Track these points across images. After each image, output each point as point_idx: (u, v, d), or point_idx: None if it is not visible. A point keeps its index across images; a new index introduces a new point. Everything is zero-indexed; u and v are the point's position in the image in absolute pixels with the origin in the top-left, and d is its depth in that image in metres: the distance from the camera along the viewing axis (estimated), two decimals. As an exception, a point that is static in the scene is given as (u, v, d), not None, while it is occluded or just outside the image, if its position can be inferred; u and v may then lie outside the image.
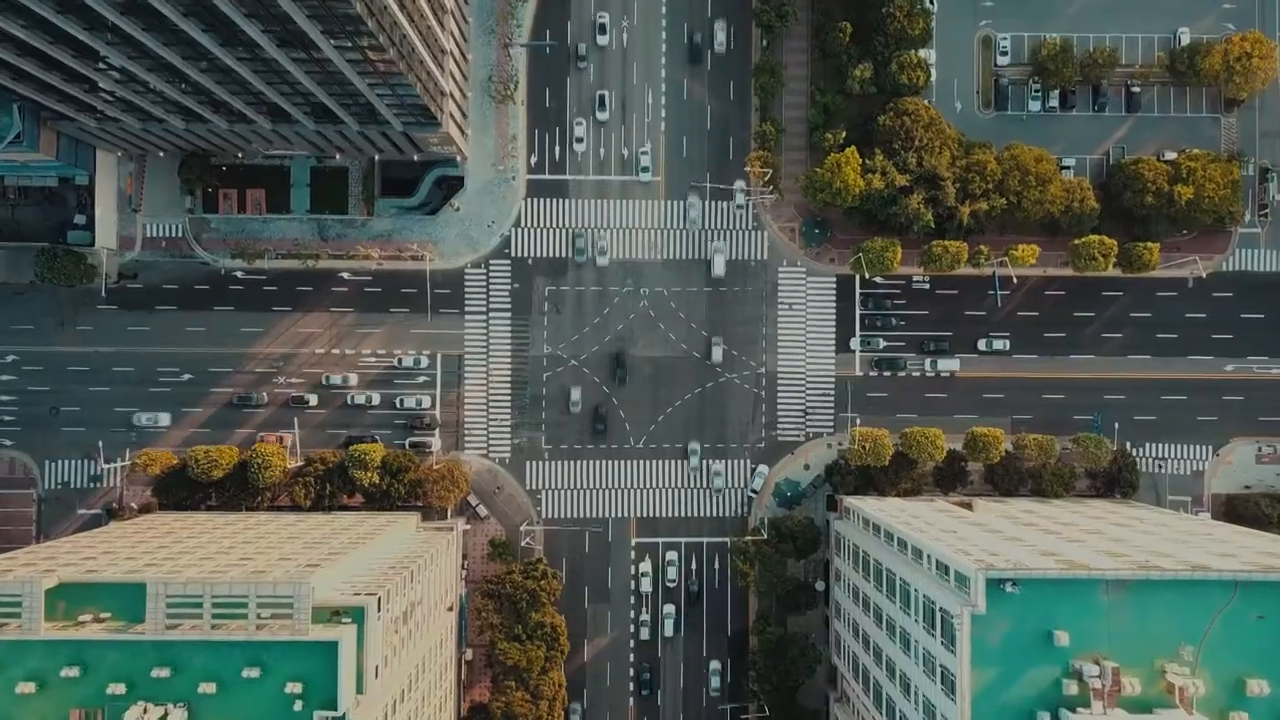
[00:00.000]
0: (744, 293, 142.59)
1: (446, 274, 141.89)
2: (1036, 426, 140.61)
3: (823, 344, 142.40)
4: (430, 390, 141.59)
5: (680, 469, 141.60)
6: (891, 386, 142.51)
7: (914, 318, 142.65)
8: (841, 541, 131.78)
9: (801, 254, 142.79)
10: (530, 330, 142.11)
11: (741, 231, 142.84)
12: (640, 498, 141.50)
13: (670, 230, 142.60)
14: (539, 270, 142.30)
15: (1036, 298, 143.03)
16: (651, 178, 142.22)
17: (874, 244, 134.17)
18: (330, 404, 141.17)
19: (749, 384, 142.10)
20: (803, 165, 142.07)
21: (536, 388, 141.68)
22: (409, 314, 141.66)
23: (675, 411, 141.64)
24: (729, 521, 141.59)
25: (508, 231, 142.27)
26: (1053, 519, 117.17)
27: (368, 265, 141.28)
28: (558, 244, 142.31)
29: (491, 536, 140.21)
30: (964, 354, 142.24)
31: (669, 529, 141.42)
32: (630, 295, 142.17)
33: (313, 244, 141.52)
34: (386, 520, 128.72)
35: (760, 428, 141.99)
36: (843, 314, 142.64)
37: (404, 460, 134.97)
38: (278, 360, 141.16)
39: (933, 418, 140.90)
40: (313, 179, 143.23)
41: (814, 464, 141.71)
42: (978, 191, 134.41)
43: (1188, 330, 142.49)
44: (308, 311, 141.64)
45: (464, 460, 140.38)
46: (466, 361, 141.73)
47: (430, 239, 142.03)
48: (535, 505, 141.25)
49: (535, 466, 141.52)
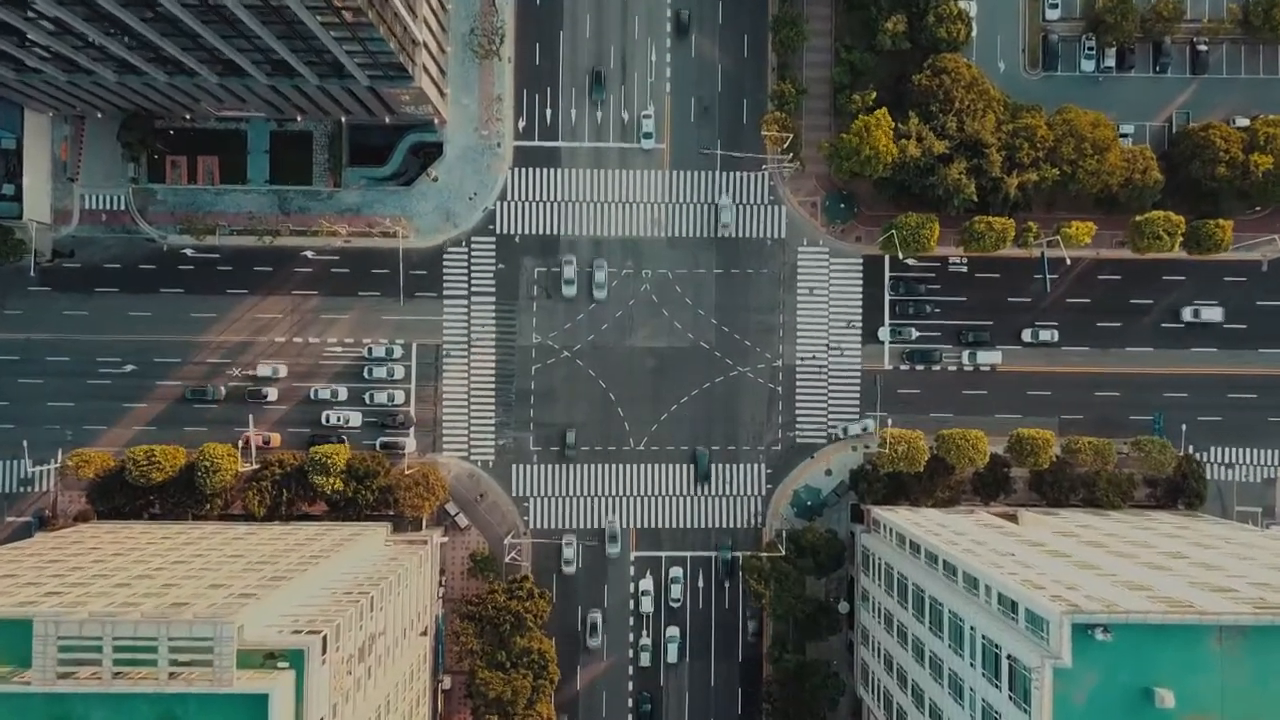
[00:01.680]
0: (758, 276, 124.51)
1: (423, 253, 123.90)
2: (1087, 427, 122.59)
3: (847, 334, 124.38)
4: (404, 384, 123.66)
5: (685, 474, 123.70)
6: (925, 382, 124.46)
7: (950, 305, 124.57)
8: (870, 559, 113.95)
9: (824, 232, 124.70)
10: (517, 317, 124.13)
11: (756, 206, 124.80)
12: (640, 506, 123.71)
13: (675, 205, 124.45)
14: (527, 249, 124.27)
15: (1088, 283, 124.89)
16: (654, 145, 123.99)
17: (908, 220, 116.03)
18: (292, 399, 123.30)
19: (764, 378, 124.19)
20: (826, 131, 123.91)
21: (524, 382, 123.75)
22: (380, 298, 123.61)
23: (680, 409, 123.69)
24: (741, 534, 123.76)
25: (492, 205, 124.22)
26: (1120, 537, 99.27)
27: (334, 243, 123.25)
28: (548, 219, 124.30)
29: (472, 550, 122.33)
30: (1006, 345, 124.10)
31: (673, 541, 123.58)
32: (630, 278, 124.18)
33: (272, 218, 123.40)
34: (351, 533, 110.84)
35: (776, 428, 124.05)
36: (870, 300, 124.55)
37: (372, 464, 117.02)
38: (232, 349, 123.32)
39: (971, 417, 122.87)
40: (272, 145, 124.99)
41: (837, 469, 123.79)
42: (1026, 160, 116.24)
43: (1259, 320, 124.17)
44: (266, 295, 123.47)
45: (441, 463, 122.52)
46: (445, 352, 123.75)
47: (405, 213, 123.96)
48: (522, 515, 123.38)
49: (522, 471, 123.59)
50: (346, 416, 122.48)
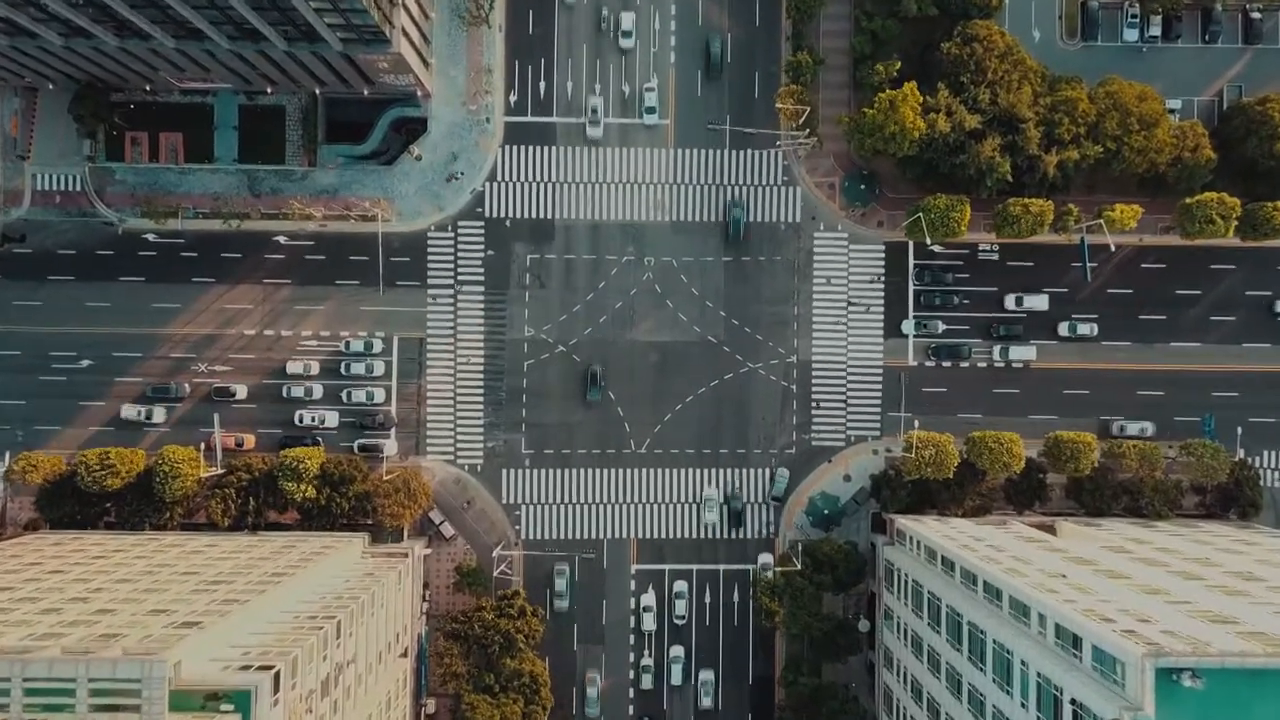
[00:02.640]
0: (771, 263, 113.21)
1: (405, 238, 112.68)
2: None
3: (868, 327, 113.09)
4: (384, 381, 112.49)
5: (691, 480, 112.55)
6: (952, 379, 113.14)
7: (980, 295, 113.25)
8: (894, 574, 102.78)
9: (843, 216, 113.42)
10: (508, 308, 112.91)
11: (768, 187, 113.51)
12: (642, 514, 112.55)
13: (681, 186, 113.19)
14: (519, 234, 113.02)
15: (1130, 272, 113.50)
16: (658, 121, 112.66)
17: (937, 202, 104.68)
18: (262, 397, 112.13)
19: (777, 375, 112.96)
20: (845, 106, 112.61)
21: (515, 379, 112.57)
22: (359, 287, 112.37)
23: (686, 409, 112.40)
24: (752, 545, 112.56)
25: (480, 186, 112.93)
26: (1178, 553, 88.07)
27: (308, 227, 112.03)
28: (542, 202, 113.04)
29: (459, 562, 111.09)
30: (1041, 340, 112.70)
31: (677, 553, 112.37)
32: (632, 265, 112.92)
33: (241, 200, 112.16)
34: (323, 545, 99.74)
35: (790, 430, 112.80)
36: (893, 290, 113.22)
37: (348, 468, 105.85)
38: (197, 343, 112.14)
39: (1003, 418, 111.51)
40: (242, 120, 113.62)
41: (856, 475, 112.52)
42: (1066, 137, 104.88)
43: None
44: (235, 284, 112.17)
45: (425, 468, 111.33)
46: (429, 346, 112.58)
47: (386, 195, 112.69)
48: (513, 524, 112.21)
49: (513, 476, 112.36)
50: (322, 416, 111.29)
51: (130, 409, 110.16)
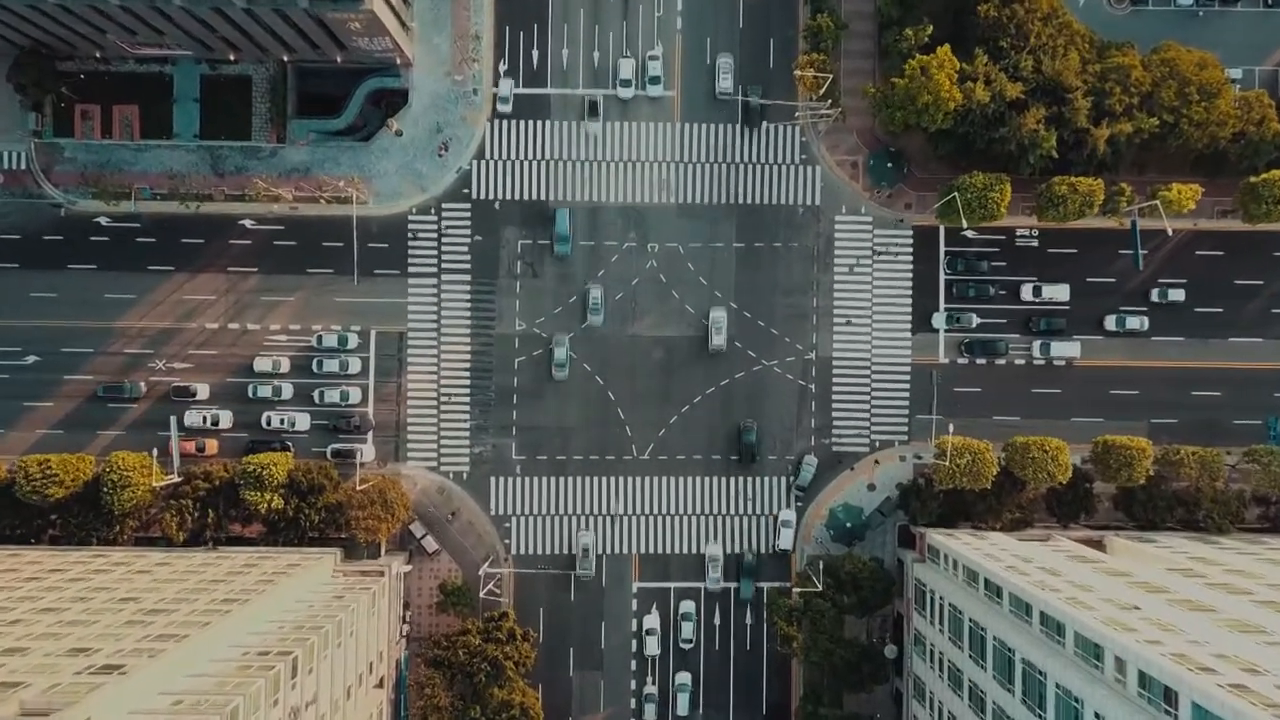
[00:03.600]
0: (788, 250, 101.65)
1: (384, 222, 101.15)
2: (1182, 433, 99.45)
3: (895, 320, 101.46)
4: (360, 380, 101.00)
5: (698, 490, 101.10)
6: (987, 378, 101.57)
7: (1018, 286, 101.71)
8: (926, 596, 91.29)
9: (867, 198, 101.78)
10: (497, 299, 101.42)
11: (785, 166, 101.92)
12: (645, 527, 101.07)
13: (688, 164, 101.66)
14: (509, 217, 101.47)
15: (1184, 260, 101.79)
16: (663, 92, 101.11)
17: (974, 180, 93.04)
18: (226, 397, 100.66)
19: (794, 374, 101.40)
20: (869, 76, 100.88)
21: (506, 377, 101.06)
22: (333, 276, 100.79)
23: (693, 412, 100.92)
24: (766, 562, 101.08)
25: (467, 165, 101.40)
26: (1257, 577, 76.42)
27: (277, 209, 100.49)
28: (535, 182, 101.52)
29: (443, 579, 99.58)
30: (1086, 335, 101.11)
31: (683, 570, 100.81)
32: (634, 253, 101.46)
33: (203, 180, 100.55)
34: (288, 563, 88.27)
35: (808, 434, 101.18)
36: (922, 279, 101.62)
37: (318, 476, 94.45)
38: (155, 338, 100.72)
39: (1043, 421, 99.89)
40: (204, 92, 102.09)
41: (882, 484, 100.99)
42: (1117, 108, 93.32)
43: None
44: (196, 272, 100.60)
45: (405, 476, 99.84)
46: (410, 341, 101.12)
47: (362, 174, 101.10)
48: (502, 537, 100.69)
49: (503, 485, 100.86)
50: (292, 418, 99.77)
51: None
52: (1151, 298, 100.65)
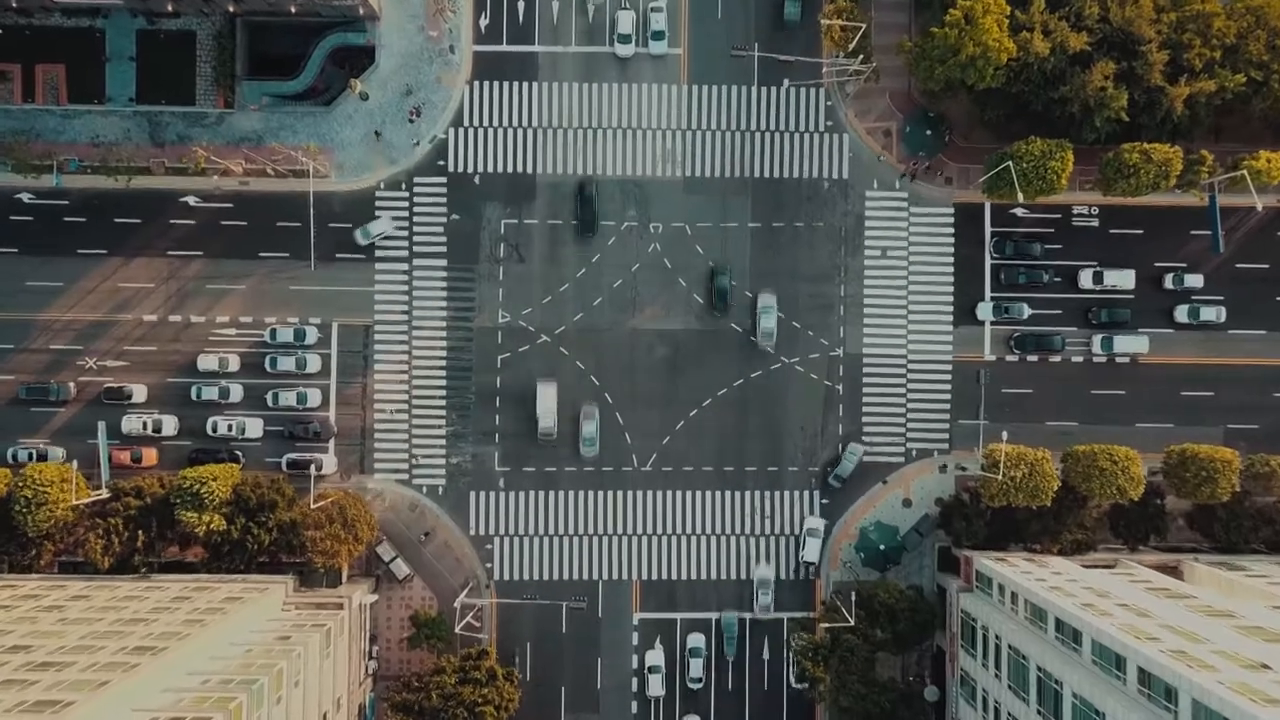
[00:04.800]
0: (811, 231, 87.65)
1: (348, 198, 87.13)
2: (1262, 440, 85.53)
3: (934, 311, 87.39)
4: (320, 380, 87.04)
5: (708, 505, 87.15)
6: (1040, 377, 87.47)
7: (1076, 271, 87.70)
8: (975, 631, 77.29)
9: (901, 171, 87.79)
10: (477, 287, 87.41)
11: (808, 134, 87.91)
12: (647, 549, 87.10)
13: (696, 132, 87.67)
14: (491, 193, 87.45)
15: (1265, 243, 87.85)
16: (667, 49, 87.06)
17: (1030, 148, 78.90)
18: (166, 401, 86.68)
19: (818, 373, 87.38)
20: (903, 31, 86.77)
21: (487, 377, 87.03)
22: (288, 261, 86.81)
23: (702, 416, 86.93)
24: (785, 588, 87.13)
25: (443, 133, 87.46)
26: (1389, 619, 62.54)
27: (225, 184, 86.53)
28: (520, 153, 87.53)
29: (415, 609, 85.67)
30: (1153, 328, 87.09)
31: (691, 598, 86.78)
32: (634, 233, 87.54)
33: (140, 151, 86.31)
34: (227, 595, 74.42)
35: (835, 442, 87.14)
36: (966, 264, 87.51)
37: (269, 491, 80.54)
38: (85, 332, 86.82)
39: (1104, 427, 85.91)
40: (141, 50, 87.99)
41: (919, 499, 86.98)
42: (1197, 63, 79.36)
43: None
44: (132, 256, 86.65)
45: (371, 490, 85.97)
46: (378, 335, 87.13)
47: (323, 144, 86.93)
48: (483, 561, 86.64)
49: (484, 500, 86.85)
50: (241, 424, 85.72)
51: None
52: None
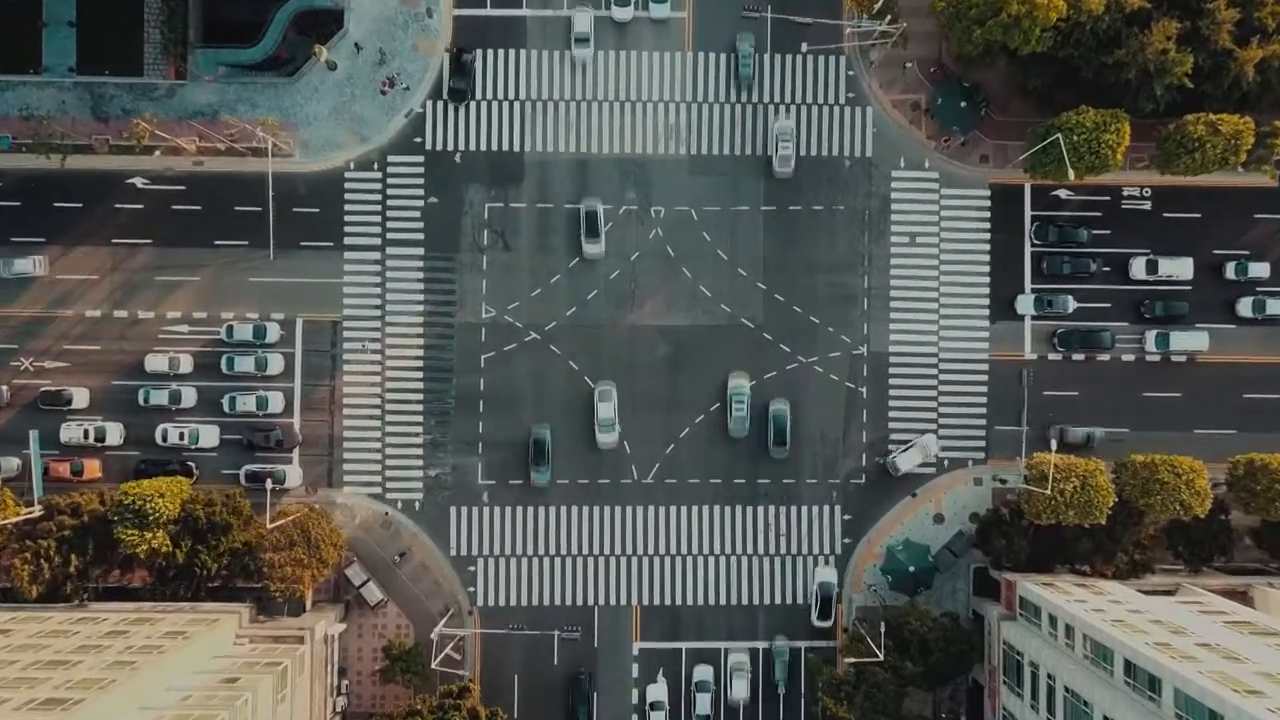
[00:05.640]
0: (831, 214, 77.96)
1: (314, 179, 77.35)
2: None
3: (968, 304, 77.66)
4: (282, 383, 77.30)
5: (715, 523, 77.48)
6: (1086, 378, 77.63)
7: (1127, 260, 78.03)
8: (1022, 667, 67.58)
9: (932, 147, 77.86)
10: (459, 279, 77.64)
11: (828, 108, 78.28)
12: (648, 572, 77.40)
13: (702, 104, 77.99)
14: (474, 173, 77.72)
15: (1336, 226, 78.78)
16: (670, 13, 77.40)
17: (1082, 119, 69.19)
18: (110, 406, 76.93)
19: (839, 374, 77.69)
20: (935, -9, 77.60)
21: (469, 378, 77.28)
22: (247, 250, 77.02)
23: (710, 423, 77.15)
24: (801, 614, 77.44)
25: (420, 107, 77.71)
26: None
27: (177, 164, 76.80)
28: (506, 129, 77.84)
29: (389, 639, 75.93)
30: (1213, 323, 77.37)
31: (698, 626, 77.02)
32: (633, 218, 77.86)
33: (81, 126, 76.53)
34: (168, 630, 64.72)
35: (858, 450, 77.41)
36: (1003, 252, 77.79)
37: (221, 510, 70.81)
38: (20, 330, 77.07)
39: (1158, 434, 76.12)
40: (81, 14, 77.99)
41: (952, 514, 77.28)
42: (1270, 23, 69.83)
43: None
44: (72, 245, 76.87)
45: (340, 505, 76.28)
46: (347, 333, 77.42)
47: (286, 119, 77.20)
48: (465, 585, 76.81)
49: (466, 517, 77.13)
50: (195, 433, 75.92)
51: None
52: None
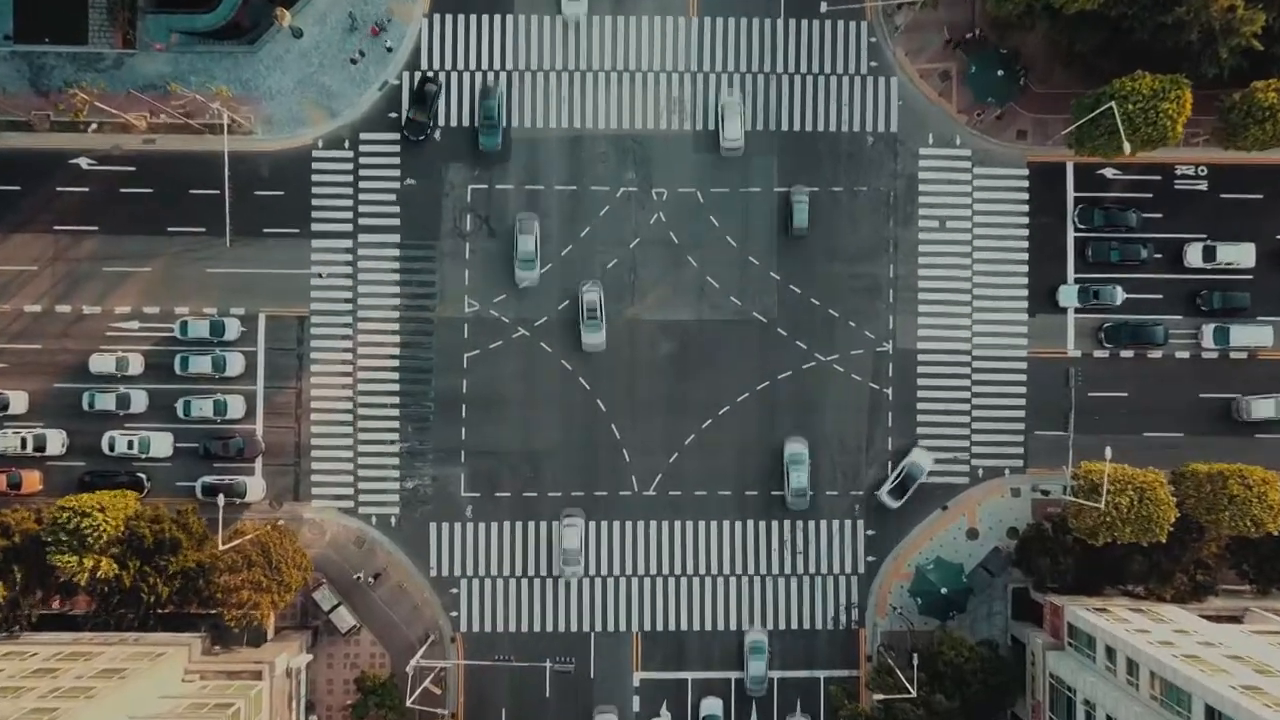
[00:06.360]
0: (852, 198, 69.76)
1: (278, 159, 69.08)
2: None
3: (1005, 296, 69.50)
4: (243, 385, 69.06)
5: (725, 539, 69.33)
6: (1136, 377, 69.38)
7: (1181, 246, 69.90)
8: (1075, 707, 59.29)
9: (963, 121, 69.66)
10: (439, 269, 69.41)
11: (848, 78, 70.16)
12: (650, 594, 69.19)
13: (710, 74, 69.80)
14: (456, 152, 69.42)
15: None
16: (673, -28, 69.62)
17: (1139, 84, 61.14)
18: (52, 410, 68.65)
19: (862, 373, 69.50)
20: (967, -53, 69.49)
21: (450, 380, 68.98)
22: (203, 238, 68.77)
23: (718, 428, 68.96)
24: (823, 640, 69.25)
25: (396, 78, 69.61)
26: None
27: (126, 143, 68.53)
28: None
29: (362, 670, 67.74)
30: (1278, 316, 69.68)
31: (705, 654, 68.86)
32: (633, 200, 69.72)
33: (18, 100, 68.23)
34: (104, 667, 56.55)
35: (883, 458, 69.17)
36: (1044, 238, 69.62)
37: (170, 528, 62.70)
38: (-49, 326, 69.10)
39: (1216, 439, 68.21)
40: (19, -23, 70.75)
41: (988, 529, 69.09)
42: (1348, -23, 62.09)
43: None
44: (10, 232, 68.63)
45: (308, 522, 68.09)
46: (315, 329, 69.18)
47: (246, 92, 69.11)
48: (447, 609, 68.62)
49: (448, 534, 68.88)
50: (146, 441, 67.69)
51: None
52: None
